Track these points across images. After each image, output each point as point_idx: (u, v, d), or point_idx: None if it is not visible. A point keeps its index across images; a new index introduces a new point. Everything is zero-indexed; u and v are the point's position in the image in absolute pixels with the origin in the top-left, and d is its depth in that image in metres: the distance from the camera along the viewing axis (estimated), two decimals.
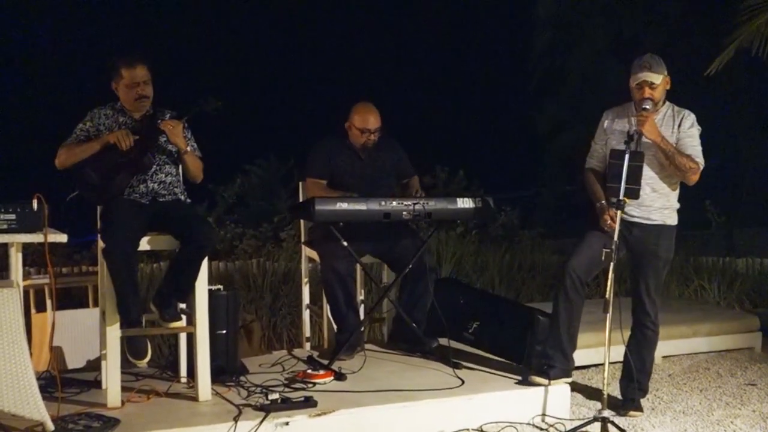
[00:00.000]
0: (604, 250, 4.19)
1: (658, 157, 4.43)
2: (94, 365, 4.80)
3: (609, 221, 4.33)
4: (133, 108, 4.46)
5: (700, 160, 4.44)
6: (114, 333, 4.09)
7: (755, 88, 12.07)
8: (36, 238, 3.77)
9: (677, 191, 4.57)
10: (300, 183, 5.38)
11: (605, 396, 4.19)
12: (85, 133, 4.41)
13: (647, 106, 4.36)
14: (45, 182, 4.05)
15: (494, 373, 4.69)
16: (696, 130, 4.48)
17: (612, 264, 4.15)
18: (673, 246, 4.59)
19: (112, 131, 4.35)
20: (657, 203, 4.49)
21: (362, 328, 5.23)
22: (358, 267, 5.22)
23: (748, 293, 7.41)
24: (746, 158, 12.61)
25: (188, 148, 4.44)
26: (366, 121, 5.09)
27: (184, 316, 4.27)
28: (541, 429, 4.30)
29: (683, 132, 4.45)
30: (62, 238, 3.86)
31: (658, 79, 4.40)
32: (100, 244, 4.18)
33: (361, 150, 5.15)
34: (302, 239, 5.44)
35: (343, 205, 4.66)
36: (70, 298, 5.64)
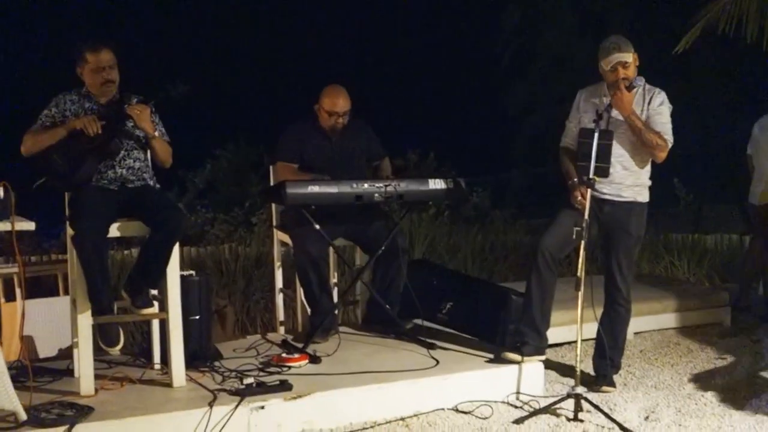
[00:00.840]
0: (575, 228, 4.22)
1: (628, 134, 4.46)
2: (66, 354, 4.75)
3: (579, 198, 4.36)
4: (99, 93, 4.40)
5: (669, 137, 4.46)
6: (85, 321, 4.05)
7: (723, 66, 12.17)
8: (3, 226, 3.73)
9: (648, 169, 4.60)
10: (270, 167, 5.36)
11: (578, 373, 4.23)
12: (50, 120, 4.34)
13: (639, 83, 4.43)
14: (11, 170, 3.99)
15: (468, 353, 4.71)
16: (666, 108, 4.51)
17: (583, 242, 4.18)
18: (644, 223, 4.63)
19: (78, 117, 4.29)
20: (628, 180, 4.52)
21: (336, 311, 5.23)
22: (331, 250, 5.21)
23: (717, 269, 7.50)
24: (714, 136, 12.72)
25: (156, 133, 4.39)
26: (335, 104, 5.07)
27: (156, 303, 4.24)
28: (516, 407, 4.34)
29: (653, 109, 4.48)
30: (30, 226, 3.82)
31: (629, 57, 4.43)
32: (69, 231, 4.13)
33: (331, 133, 5.13)
34: (274, 223, 5.43)
35: (315, 188, 4.65)
36: (40, 287, 5.58)
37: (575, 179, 4.46)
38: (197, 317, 4.50)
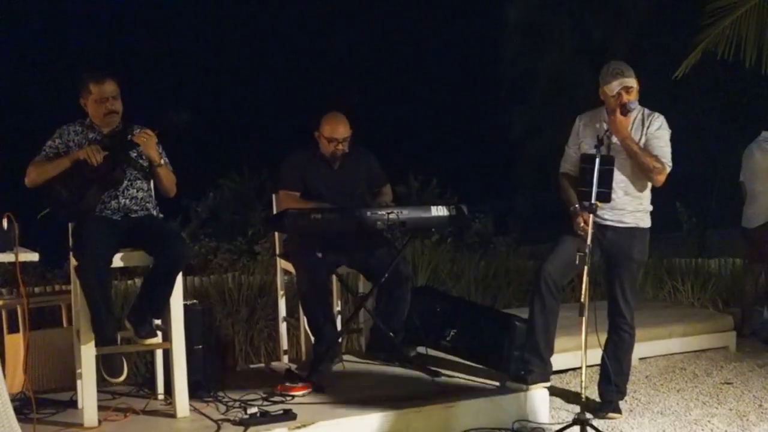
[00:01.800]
0: (578, 253, 4.21)
1: (629, 160, 4.46)
2: (70, 385, 4.74)
3: (582, 224, 4.36)
4: (102, 123, 4.43)
5: (667, 161, 4.47)
6: (89, 351, 4.05)
7: (723, 89, 12.21)
8: (6, 257, 3.73)
9: (648, 194, 4.61)
10: (273, 195, 5.36)
11: (584, 399, 4.20)
12: (54, 150, 4.37)
13: (633, 106, 4.42)
14: (15, 201, 4.01)
15: (473, 380, 4.69)
16: (665, 132, 4.51)
17: (586, 267, 4.17)
18: (647, 248, 4.63)
19: (82, 147, 4.31)
20: (630, 206, 4.52)
21: (340, 339, 5.21)
22: (334, 278, 5.21)
23: (721, 293, 7.47)
24: (716, 159, 12.74)
25: (162, 161, 4.41)
26: (335, 131, 5.08)
27: (159, 333, 4.23)
28: None
29: (650, 133, 4.49)
30: (33, 257, 3.83)
31: (634, 82, 4.45)
32: (73, 262, 4.13)
33: (332, 160, 5.14)
34: (277, 252, 5.42)
35: (317, 216, 4.65)
36: (44, 318, 5.57)
37: (576, 205, 4.46)
38: (201, 347, 4.49)
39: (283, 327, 5.38)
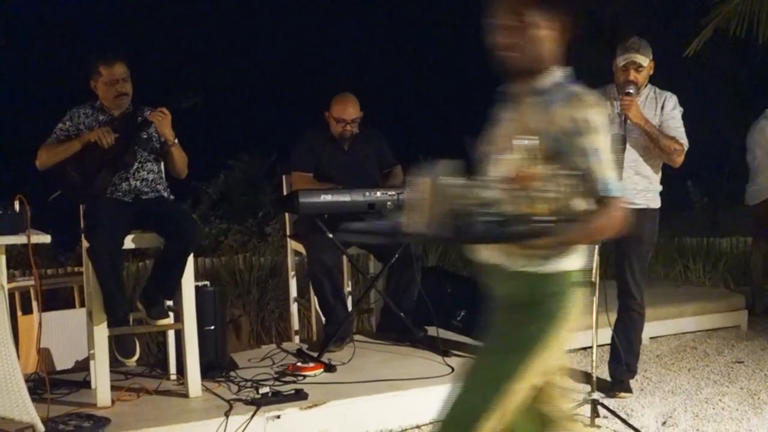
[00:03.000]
0: None
1: (640, 140, 4.44)
2: (83, 365, 4.78)
3: None
4: (112, 106, 4.44)
5: (684, 141, 4.45)
6: (102, 332, 4.08)
7: (735, 67, 12.11)
8: (19, 239, 3.75)
9: (659, 174, 4.58)
10: (283, 176, 5.37)
11: (594, 378, 4.22)
12: (65, 133, 4.38)
13: (630, 90, 4.31)
14: (26, 183, 4.02)
15: None
16: (678, 112, 4.49)
17: (596, 248, 4.16)
18: (656, 229, 4.61)
19: (92, 130, 4.33)
20: (640, 185, 4.50)
21: (350, 320, 5.23)
22: (345, 258, 5.22)
23: (732, 272, 7.46)
24: (727, 138, 12.66)
25: (175, 140, 4.41)
26: (344, 111, 5.09)
27: (171, 314, 4.26)
28: None
29: (666, 114, 4.46)
30: (45, 239, 3.84)
31: (645, 61, 4.38)
32: (85, 244, 4.16)
33: (342, 141, 5.14)
34: (288, 233, 5.44)
35: (327, 197, 4.66)
36: (56, 299, 5.61)
37: None
38: (212, 327, 4.52)
39: (294, 307, 5.40)
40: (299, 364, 4.58)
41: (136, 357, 4.28)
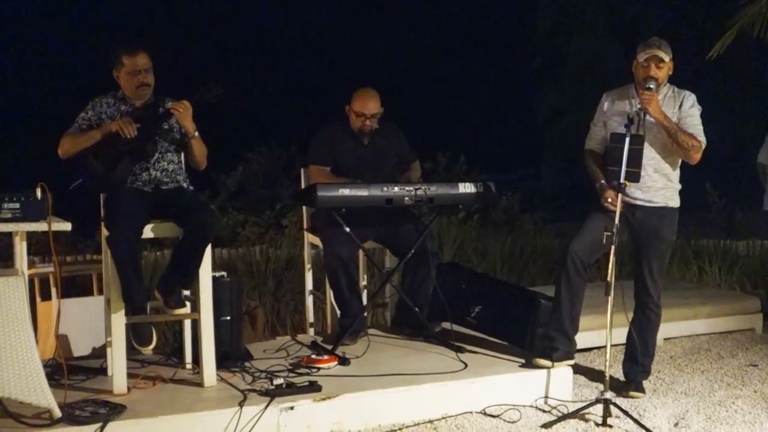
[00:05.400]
0: (605, 233, 4.21)
1: (660, 137, 4.44)
2: (100, 352, 4.83)
3: (609, 200, 4.35)
4: (134, 96, 4.47)
5: (702, 138, 4.45)
6: (119, 320, 4.12)
7: (756, 70, 12.04)
8: (40, 226, 3.80)
9: (678, 172, 4.59)
10: (302, 169, 5.40)
11: (607, 378, 4.23)
12: (87, 122, 4.42)
13: (651, 85, 4.33)
14: (48, 171, 4.07)
15: (497, 357, 4.72)
16: (696, 110, 4.49)
17: (613, 247, 4.17)
18: (675, 228, 4.61)
19: (114, 120, 4.36)
20: (659, 183, 4.50)
21: (365, 313, 5.25)
22: (361, 252, 5.24)
23: (748, 275, 7.42)
24: (747, 140, 12.58)
25: (196, 133, 4.44)
26: (365, 106, 5.10)
27: (188, 303, 4.29)
28: (544, 411, 4.33)
29: (684, 112, 4.46)
30: (66, 226, 3.89)
31: (666, 57, 4.40)
32: (104, 232, 4.20)
33: (361, 135, 5.16)
34: (305, 226, 5.46)
35: (345, 191, 4.68)
36: (75, 287, 5.67)
37: (603, 181, 4.46)
38: (228, 318, 4.54)
39: (309, 300, 5.43)
40: (314, 356, 4.61)
41: (153, 345, 4.33)
